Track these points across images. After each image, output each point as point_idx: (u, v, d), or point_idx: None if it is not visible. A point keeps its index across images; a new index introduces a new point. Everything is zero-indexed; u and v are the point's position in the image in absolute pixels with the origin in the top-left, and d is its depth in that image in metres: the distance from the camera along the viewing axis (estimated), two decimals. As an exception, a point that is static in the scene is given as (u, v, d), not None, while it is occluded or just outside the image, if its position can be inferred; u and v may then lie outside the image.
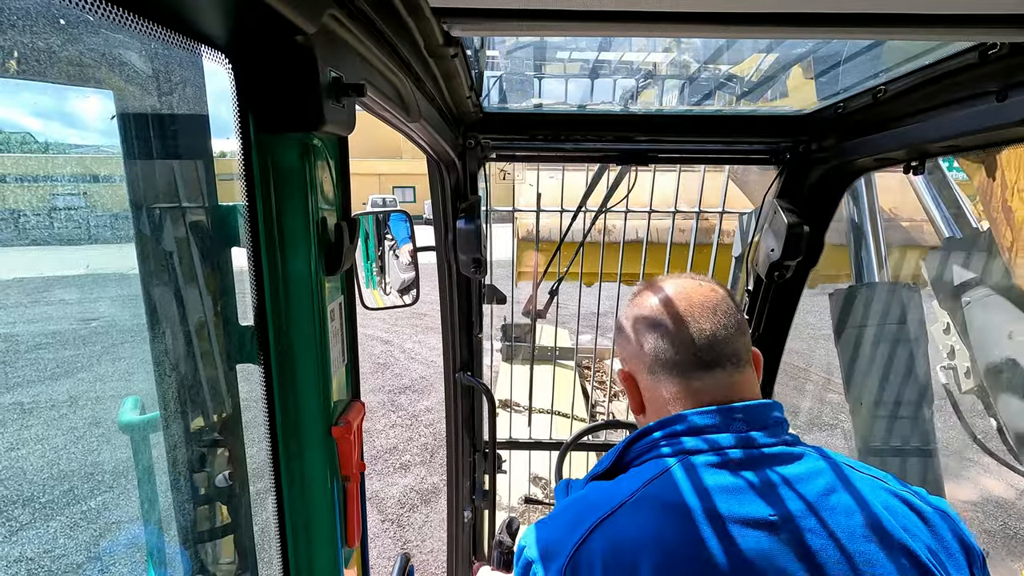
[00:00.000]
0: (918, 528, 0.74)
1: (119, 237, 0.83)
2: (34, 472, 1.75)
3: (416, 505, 5.23)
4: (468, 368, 1.98)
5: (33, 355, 1.97)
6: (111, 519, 1.72)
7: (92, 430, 1.96)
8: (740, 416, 0.81)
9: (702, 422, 0.81)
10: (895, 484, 0.81)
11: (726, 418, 0.81)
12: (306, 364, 0.80)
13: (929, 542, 0.73)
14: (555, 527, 0.80)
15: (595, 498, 0.81)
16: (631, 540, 0.72)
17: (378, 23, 0.75)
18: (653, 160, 1.65)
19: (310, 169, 0.72)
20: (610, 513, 0.75)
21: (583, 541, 0.74)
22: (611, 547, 0.72)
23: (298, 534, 0.87)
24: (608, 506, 0.76)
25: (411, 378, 8.33)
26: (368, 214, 1.53)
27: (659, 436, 0.83)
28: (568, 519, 0.80)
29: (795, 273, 1.65)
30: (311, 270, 0.76)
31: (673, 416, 0.84)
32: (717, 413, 0.81)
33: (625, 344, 0.95)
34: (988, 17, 0.80)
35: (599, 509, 0.77)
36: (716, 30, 0.86)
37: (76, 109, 0.78)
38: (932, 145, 1.16)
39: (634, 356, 0.92)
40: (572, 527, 0.77)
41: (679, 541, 0.70)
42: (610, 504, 0.76)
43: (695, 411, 0.82)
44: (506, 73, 1.62)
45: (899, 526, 0.73)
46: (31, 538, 1.66)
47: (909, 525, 0.74)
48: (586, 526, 0.75)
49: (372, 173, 34.52)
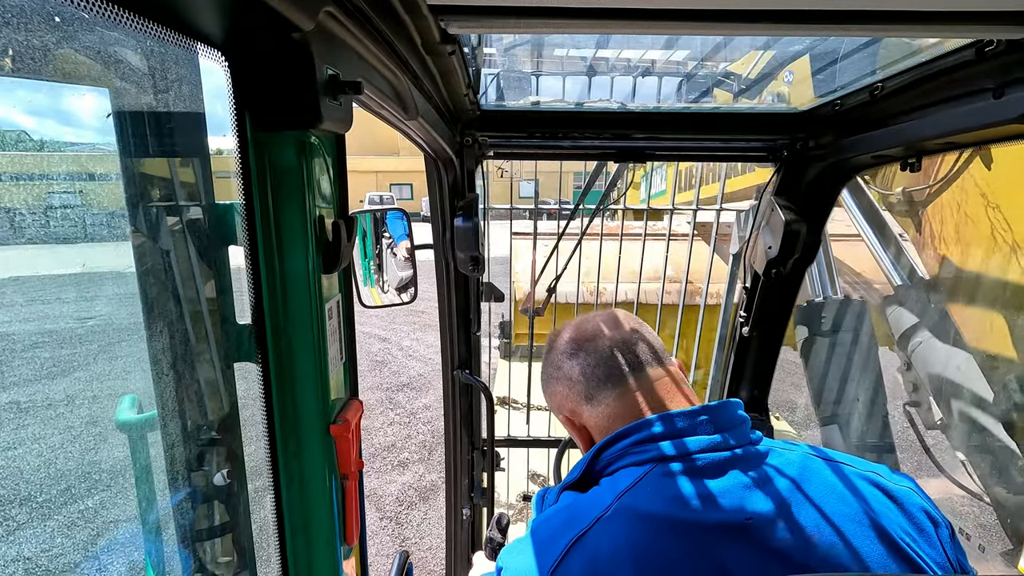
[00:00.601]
0: (889, 510, 0.75)
1: (116, 235, 0.83)
2: (32, 471, 1.75)
3: (414, 502, 5.24)
4: (466, 366, 1.98)
5: (30, 354, 1.96)
6: (109, 518, 1.71)
7: (89, 429, 1.96)
8: (705, 419, 0.81)
9: (667, 428, 0.81)
10: (862, 465, 0.82)
11: (692, 421, 0.81)
12: (304, 362, 0.80)
13: (901, 522, 0.74)
14: (532, 548, 0.79)
15: (569, 513, 0.80)
16: (607, 557, 0.71)
17: (375, 20, 0.74)
18: (651, 157, 1.65)
19: (307, 167, 0.72)
20: (586, 530, 0.74)
21: (559, 563, 0.73)
22: (588, 566, 0.71)
23: (296, 532, 0.87)
24: (583, 522, 0.75)
25: (409, 375, 8.33)
26: (366, 212, 1.53)
27: (627, 444, 0.83)
28: (543, 539, 0.79)
29: (792, 270, 1.66)
30: (309, 268, 0.76)
31: (639, 422, 0.84)
32: (684, 416, 0.82)
33: (555, 389, 0.97)
34: (985, 14, 0.80)
35: (574, 526, 0.76)
36: (714, 27, 0.86)
37: (72, 107, 0.78)
38: (929, 142, 1.16)
39: (566, 395, 0.95)
40: (547, 548, 0.76)
41: (656, 553, 0.70)
42: (585, 520, 0.76)
43: (659, 415, 0.83)
44: (503, 71, 1.62)
45: (873, 511, 0.73)
46: (29, 537, 1.66)
47: (881, 509, 0.74)
48: (563, 545, 0.74)
49: (369, 171, 34.47)
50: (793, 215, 1.49)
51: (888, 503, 0.76)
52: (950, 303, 2.55)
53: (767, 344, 1.89)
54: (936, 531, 0.76)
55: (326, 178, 0.80)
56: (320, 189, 0.77)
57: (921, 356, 2.59)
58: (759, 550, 0.70)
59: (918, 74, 1.10)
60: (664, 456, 0.79)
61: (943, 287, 2.60)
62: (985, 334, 2.35)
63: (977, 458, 2.37)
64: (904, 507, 0.76)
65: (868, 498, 0.75)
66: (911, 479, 0.83)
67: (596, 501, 0.78)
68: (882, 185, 2.91)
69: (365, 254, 1.64)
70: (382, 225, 1.70)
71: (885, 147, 1.28)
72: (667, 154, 1.68)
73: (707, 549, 0.70)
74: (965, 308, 2.49)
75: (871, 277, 3.22)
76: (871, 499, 0.75)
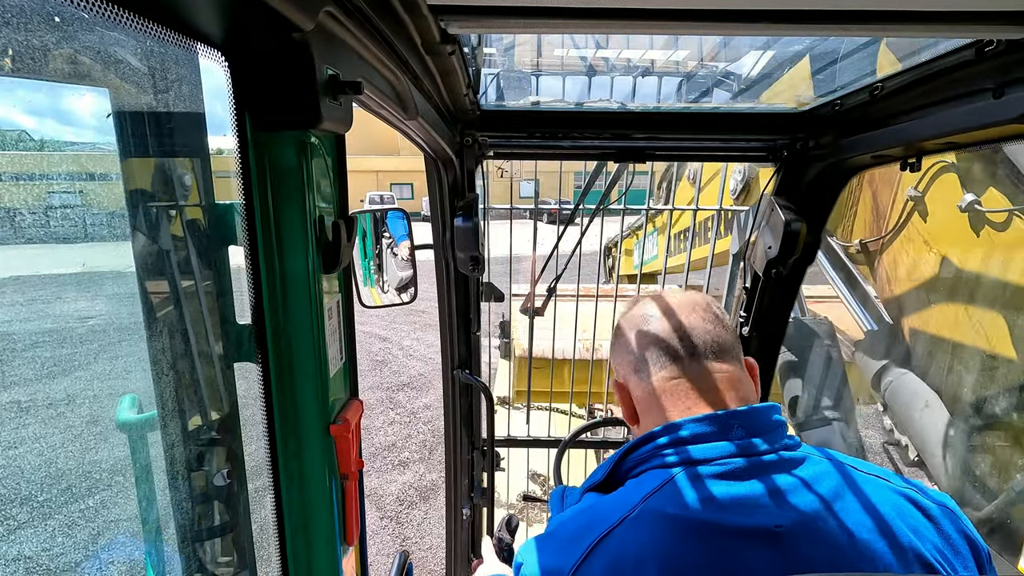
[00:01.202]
0: (926, 528, 0.73)
1: (116, 236, 0.83)
2: (31, 471, 1.75)
3: (415, 502, 5.24)
4: (466, 366, 1.98)
5: (30, 354, 1.96)
6: (109, 518, 1.72)
7: (90, 429, 1.96)
8: (738, 422, 0.79)
9: (700, 430, 0.79)
10: (898, 481, 0.80)
11: (724, 425, 0.79)
12: (304, 362, 0.80)
13: (936, 541, 0.72)
14: (554, 546, 0.78)
15: (593, 514, 0.78)
16: (632, 558, 0.70)
17: (375, 20, 0.74)
18: (651, 157, 1.65)
19: (307, 167, 0.72)
20: (610, 530, 0.73)
21: (582, 561, 0.72)
22: (612, 567, 0.70)
23: (296, 533, 0.87)
24: (607, 523, 0.74)
25: (409, 375, 8.33)
26: (366, 212, 1.53)
27: (655, 446, 0.81)
28: (566, 537, 0.78)
29: (792, 270, 1.66)
30: (309, 268, 0.76)
31: (669, 424, 0.82)
32: (715, 420, 0.79)
33: (614, 353, 0.97)
34: (985, 14, 0.80)
35: (598, 526, 0.74)
36: (714, 27, 0.86)
37: (72, 107, 0.78)
38: (929, 142, 1.16)
39: (621, 361, 0.94)
40: (571, 546, 0.75)
41: (681, 556, 0.69)
42: (609, 520, 0.74)
43: (691, 418, 0.81)
44: (503, 71, 1.62)
45: (908, 528, 0.71)
46: (28, 537, 1.66)
47: (918, 526, 0.73)
48: (585, 545, 0.73)
49: (370, 170, 34.44)
50: (793, 215, 1.49)
51: (924, 521, 0.74)
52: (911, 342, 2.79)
53: (767, 344, 1.89)
54: (973, 553, 0.74)
55: (326, 178, 0.80)
56: (320, 189, 0.77)
57: (893, 396, 2.79)
58: (786, 559, 0.68)
59: (918, 74, 1.10)
60: (693, 460, 0.77)
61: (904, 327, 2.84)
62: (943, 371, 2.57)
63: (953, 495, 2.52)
64: (940, 526, 0.74)
65: (904, 515, 0.73)
66: (949, 498, 0.80)
67: (621, 502, 0.77)
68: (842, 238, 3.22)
69: (365, 254, 1.64)
70: (382, 225, 1.70)
71: (885, 147, 1.28)
72: (667, 154, 1.68)
73: (734, 554, 0.68)
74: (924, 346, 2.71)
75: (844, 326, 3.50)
76: (907, 516, 0.73)
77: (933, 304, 2.60)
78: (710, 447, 0.78)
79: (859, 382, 3.14)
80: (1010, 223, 2.12)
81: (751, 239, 1.75)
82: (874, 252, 2.98)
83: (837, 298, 3.34)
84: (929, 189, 2.52)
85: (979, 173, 2.27)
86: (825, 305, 3.57)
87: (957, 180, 2.34)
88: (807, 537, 0.69)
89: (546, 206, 4.89)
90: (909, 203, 2.63)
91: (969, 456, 2.35)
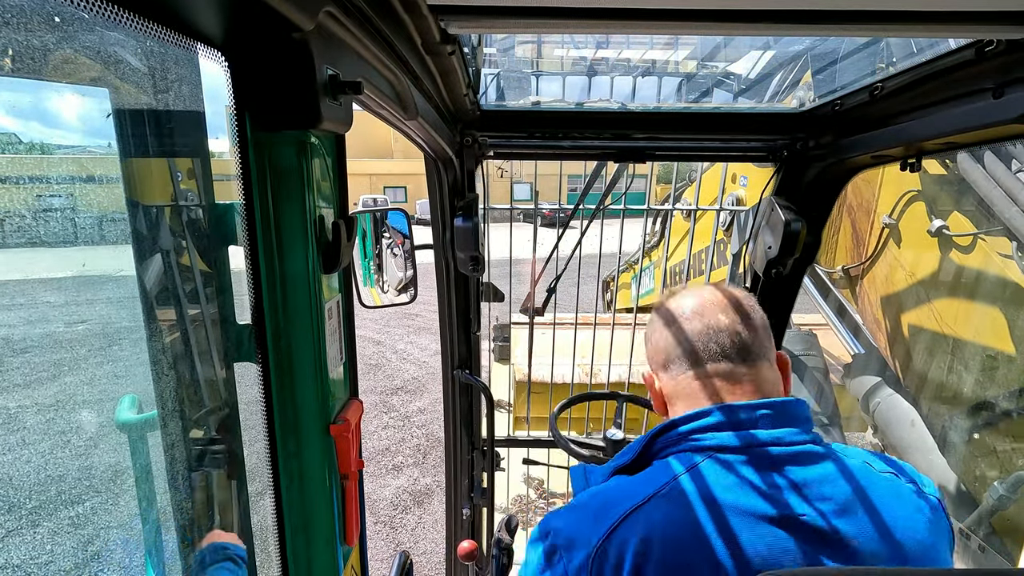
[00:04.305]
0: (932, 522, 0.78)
1: (115, 236, 0.83)
2: (32, 471, 1.75)
3: (409, 507, 5.23)
4: (466, 366, 1.98)
5: (28, 355, 1.96)
6: (109, 518, 1.71)
7: (89, 429, 1.96)
8: (767, 413, 0.81)
9: (728, 418, 0.81)
10: (921, 481, 0.84)
11: (753, 415, 0.81)
12: (304, 362, 0.80)
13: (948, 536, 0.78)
14: (581, 516, 0.81)
15: (621, 490, 0.81)
16: (659, 533, 0.72)
17: (375, 20, 0.74)
18: (651, 158, 1.65)
19: (307, 167, 0.72)
20: (639, 505, 0.76)
21: (611, 532, 0.74)
22: (639, 539, 0.72)
23: (297, 532, 0.87)
24: (636, 498, 0.77)
25: (403, 379, 8.31)
26: (365, 212, 1.53)
27: (686, 431, 0.84)
28: (594, 508, 0.80)
29: (792, 270, 1.66)
30: (309, 268, 0.76)
31: (700, 411, 0.84)
32: (745, 409, 0.82)
33: (646, 346, 0.99)
34: (985, 14, 0.80)
35: (627, 501, 0.77)
36: (714, 27, 0.86)
37: (71, 107, 0.78)
38: (929, 142, 1.16)
39: (652, 355, 0.97)
40: (599, 517, 0.77)
41: (708, 535, 0.71)
42: (638, 496, 0.77)
43: (720, 405, 0.83)
44: (503, 71, 1.62)
45: (926, 531, 0.75)
46: (28, 537, 1.66)
47: (933, 525, 0.77)
48: (614, 517, 0.76)
49: (363, 173, 34.37)
50: (793, 215, 1.49)
51: (930, 515, 0.78)
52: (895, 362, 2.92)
53: None
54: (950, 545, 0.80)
55: (326, 178, 0.80)
56: (320, 189, 0.77)
57: (881, 416, 2.92)
58: (808, 547, 0.71)
59: (918, 74, 1.10)
60: (723, 446, 0.80)
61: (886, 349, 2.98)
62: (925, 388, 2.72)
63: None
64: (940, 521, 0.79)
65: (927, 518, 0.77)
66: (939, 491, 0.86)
67: (652, 479, 0.80)
68: (826, 264, 3.39)
69: (365, 254, 1.64)
70: (382, 225, 1.70)
71: (885, 147, 1.28)
72: (667, 154, 1.68)
73: (758, 538, 0.71)
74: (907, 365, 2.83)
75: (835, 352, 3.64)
76: (930, 520, 0.77)
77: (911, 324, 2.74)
78: (740, 434, 0.80)
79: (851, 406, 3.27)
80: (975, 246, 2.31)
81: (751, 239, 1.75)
82: (855, 277, 3.13)
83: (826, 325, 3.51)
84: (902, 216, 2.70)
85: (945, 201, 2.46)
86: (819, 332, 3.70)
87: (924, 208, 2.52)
88: (828, 528, 0.72)
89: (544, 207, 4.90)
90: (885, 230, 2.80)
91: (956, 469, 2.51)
